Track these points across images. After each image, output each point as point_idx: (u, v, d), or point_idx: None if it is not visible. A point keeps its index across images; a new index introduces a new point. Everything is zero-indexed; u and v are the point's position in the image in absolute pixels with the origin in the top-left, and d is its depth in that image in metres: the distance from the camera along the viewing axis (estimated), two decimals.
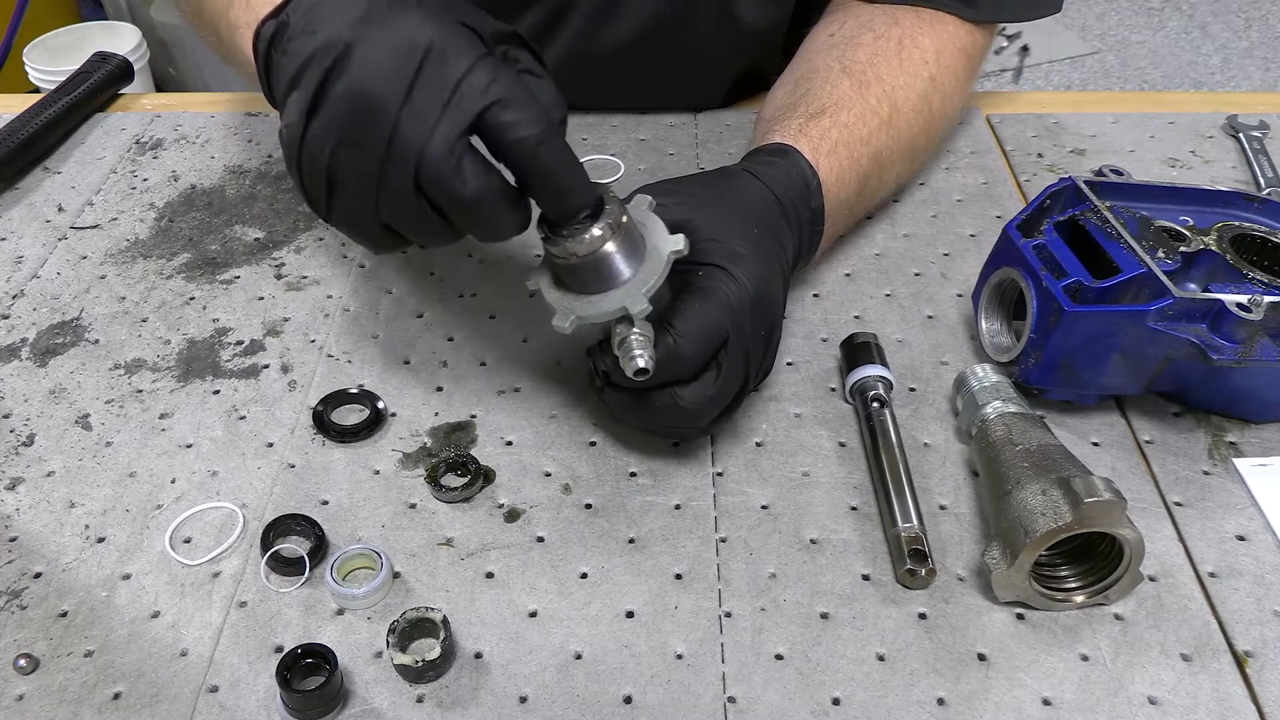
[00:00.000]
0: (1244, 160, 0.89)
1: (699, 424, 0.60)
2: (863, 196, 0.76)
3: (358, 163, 0.50)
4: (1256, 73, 2.99)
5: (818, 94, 0.75)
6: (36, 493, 0.62)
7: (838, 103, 0.74)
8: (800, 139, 0.71)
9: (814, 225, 0.69)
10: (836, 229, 0.75)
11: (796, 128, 0.72)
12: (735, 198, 0.64)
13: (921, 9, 0.81)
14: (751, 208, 0.64)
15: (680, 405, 0.58)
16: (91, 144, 0.93)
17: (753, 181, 0.66)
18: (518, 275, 0.78)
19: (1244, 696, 0.52)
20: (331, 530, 0.59)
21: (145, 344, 0.72)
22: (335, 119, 0.49)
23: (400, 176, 0.49)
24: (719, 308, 0.57)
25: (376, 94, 0.48)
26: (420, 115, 0.48)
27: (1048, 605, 0.55)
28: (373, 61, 0.49)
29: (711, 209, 0.62)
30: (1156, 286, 0.60)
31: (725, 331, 0.58)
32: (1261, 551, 0.58)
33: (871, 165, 0.74)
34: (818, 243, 0.71)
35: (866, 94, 0.75)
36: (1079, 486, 0.52)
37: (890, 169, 0.78)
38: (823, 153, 0.71)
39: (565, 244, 0.53)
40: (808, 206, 0.68)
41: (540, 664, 0.53)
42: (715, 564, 0.58)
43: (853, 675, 0.53)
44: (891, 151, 0.76)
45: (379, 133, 0.49)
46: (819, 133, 0.72)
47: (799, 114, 0.73)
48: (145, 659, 0.53)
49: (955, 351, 0.71)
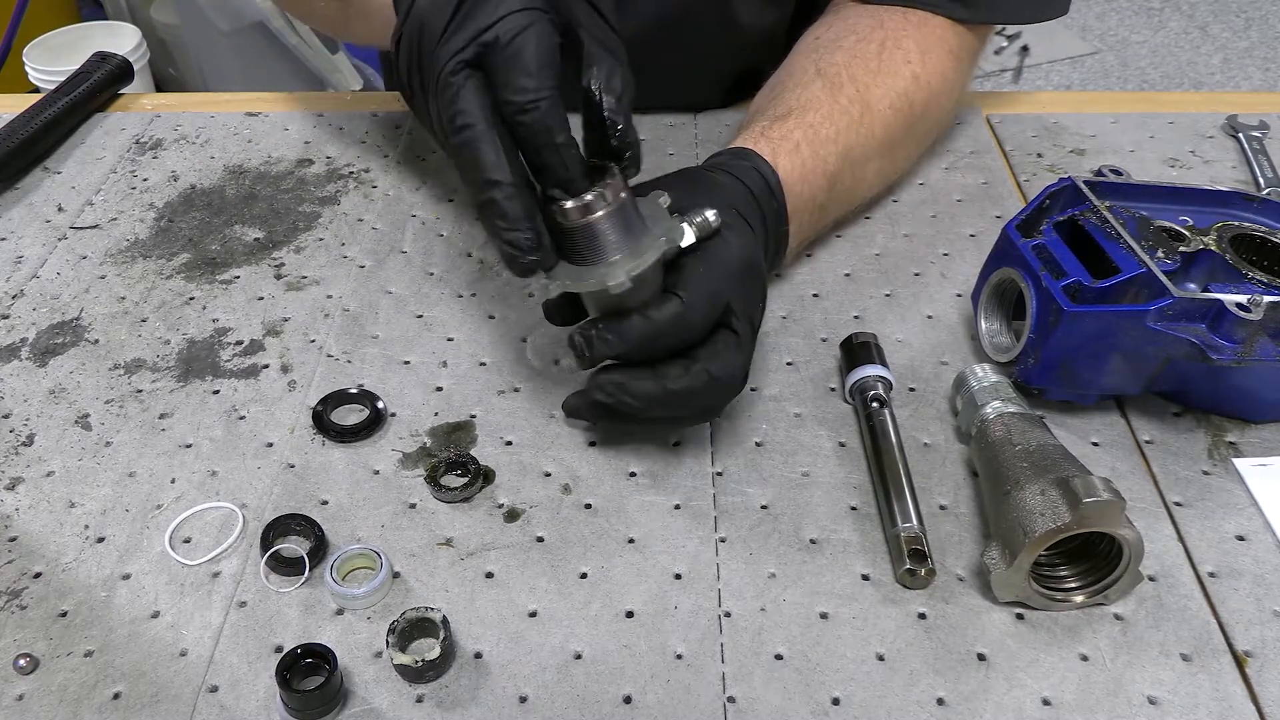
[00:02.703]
0: (1244, 160, 0.89)
1: (731, 395, 0.61)
2: (834, 194, 0.76)
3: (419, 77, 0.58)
4: (1256, 73, 2.99)
5: (787, 98, 0.76)
6: (36, 493, 0.62)
7: (805, 105, 0.75)
8: (760, 141, 0.72)
9: (779, 224, 0.70)
10: (808, 228, 0.75)
11: (759, 131, 0.73)
12: (711, 184, 0.66)
13: (910, 10, 0.81)
14: (727, 192, 0.65)
15: (713, 376, 0.58)
16: (91, 144, 0.93)
17: (721, 174, 0.68)
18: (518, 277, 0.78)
19: (1244, 696, 0.52)
20: (331, 530, 0.59)
21: (145, 344, 0.72)
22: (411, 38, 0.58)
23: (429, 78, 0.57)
24: (720, 270, 0.58)
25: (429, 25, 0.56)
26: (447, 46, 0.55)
27: (1047, 605, 0.55)
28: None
29: (693, 192, 0.63)
30: (1156, 286, 0.60)
31: (727, 293, 0.58)
32: (1261, 551, 0.58)
33: (841, 163, 0.74)
34: (785, 243, 0.71)
35: (838, 95, 0.76)
36: (1078, 486, 0.52)
37: (864, 167, 0.78)
38: (783, 152, 0.71)
39: (561, 203, 0.55)
40: (770, 204, 0.69)
41: (540, 664, 0.53)
42: (715, 564, 0.58)
43: (853, 675, 0.53)
44: (865, 150, 0.76)
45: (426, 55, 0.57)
46: (780, 134, 0.72)
47: (765, 118, 0.74)
48: (145, 659, 0.53)
49: (955, 351, 0.71)
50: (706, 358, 0.58)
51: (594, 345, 0.58)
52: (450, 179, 0.87)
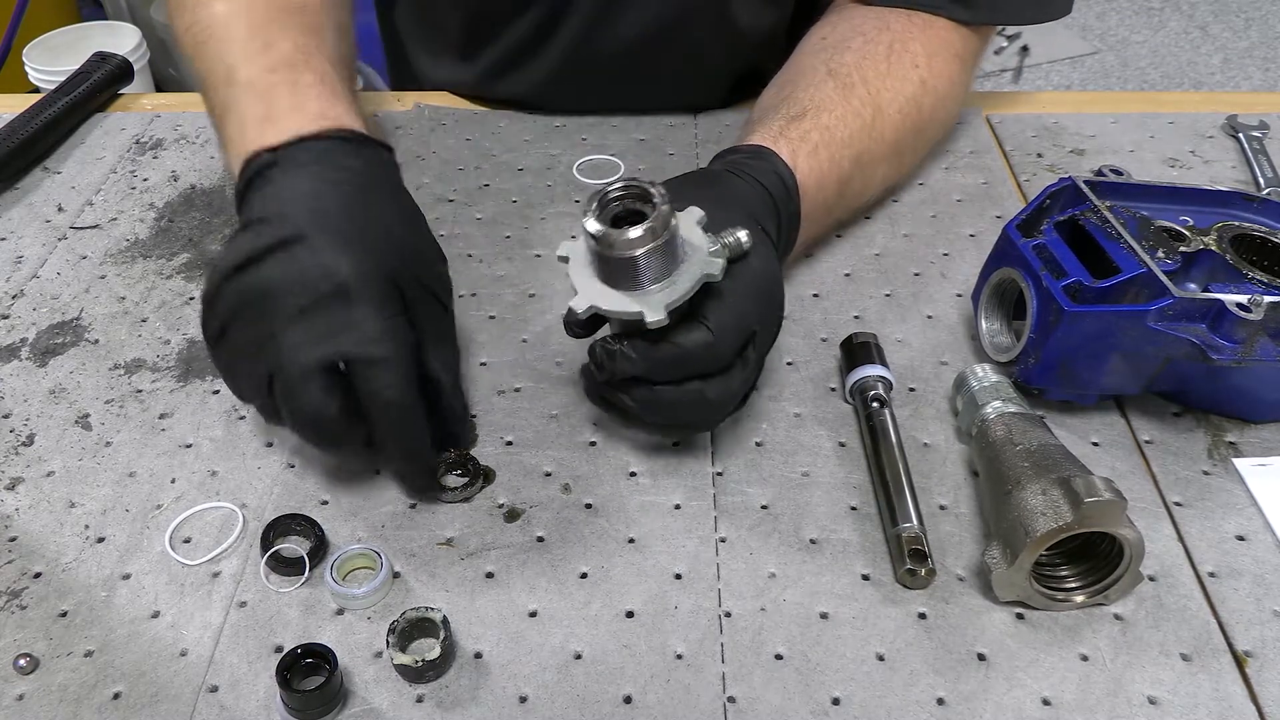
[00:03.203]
0: (1244, 160, 0.89)
1: (722, 416, 0.61)
2: (843, 198, 0.76)
3: (242, 337, 0.56)
4: (1256, 73, 2.99)
5: (800, 96, 0.75)
6: (36, 493, 0.62)
7: (819, 105, 0.74)
8: (780, 141, 0.71)
9: (791, 228, 0.70)
10: (814, 231, 0.75)
11: (777, 130, 0.72)
12: (726, 194, 0.65)
13: (915, 12, 0.81)
14: (744, 201, 0.65)
15: (707, 398, 0.58)
16: (91, 144, 0.93)
17: (735, 179, 0.67)
18: (517, 277, 0.78)
19: (1244, 696, 0.52)
20: (331, 530, 0.59)
21: (145, 344, 0.72)
22: (245, 294, 0.56)
23: (261, 368, 0.55)
24: (746, 294, 0.57)
25: (280, 300, 0.55)
26: (299, 332, 0.54)
27: (1048, 605, 0.55)
28: (295, 268, 0.55)
29: (720, 204, 0.61)
30: (1156, 286, 0.60)
31: (755, 323, 0.58)
32: (1261, 551, 0.58)
33: (853, 167, 0.74)
34: (793, 244, 0.71)
35: (850, 96, 0.75)
36: (1079, 486, 0.52)
37: (874, 171, 0.77)
38: (802, 154, 0.71)
39: (606, 234, 0.53)
40: (787, 208, 0.68)
41: (540, 664, 0.53)
42: (715, 564, 0.58)
43: (853, 675, 0.53)
44: (875, 154, 0.76)
45: (264, 328, 0.55)
46: (799, 134, 0.72)
47: (780, 116, 0.74)
48: (145, 659, 0.53)
49: (955, 351, 0.71)
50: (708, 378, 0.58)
51: (617, 361, 0.58)
52: (450, 179, 0.87)
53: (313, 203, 0.58)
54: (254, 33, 0.69)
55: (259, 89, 0.65)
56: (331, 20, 0.75)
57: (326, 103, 0.64)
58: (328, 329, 0.54)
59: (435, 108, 0.96)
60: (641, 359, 0.57)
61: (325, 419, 0.55)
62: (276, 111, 0.63)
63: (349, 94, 0.68)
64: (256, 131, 0.62)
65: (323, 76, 0.67)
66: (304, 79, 0.65)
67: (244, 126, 0.64)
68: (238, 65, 0.67)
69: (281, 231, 0.56)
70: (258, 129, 0.63)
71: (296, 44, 0.68)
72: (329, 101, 0.64)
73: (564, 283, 0.77)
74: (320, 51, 0.69)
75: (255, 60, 0.67)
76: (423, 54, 1.01)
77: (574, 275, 0.56)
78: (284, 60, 0.67)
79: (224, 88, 0.67)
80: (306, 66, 0.67)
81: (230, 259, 0.56)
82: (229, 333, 0.57)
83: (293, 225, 0.56)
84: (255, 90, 0.65)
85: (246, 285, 0.56)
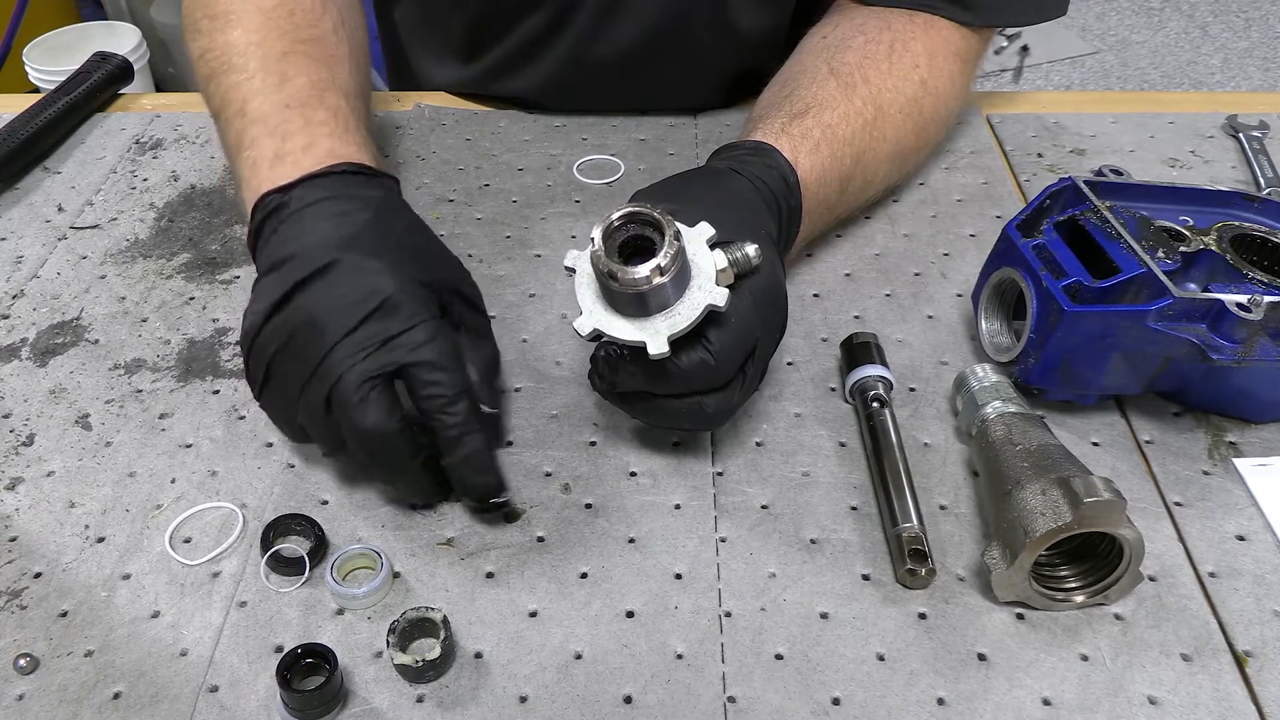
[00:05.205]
0: (1244, 160, 0.89)
1: (719, 426, 0.61)
2: (844, 197, 0.76)
3: (292, 369, 0.57)
4: (1256, 73, 2.99)
5: (802, 94, 0.75)
6: (36, 493, 0.62)
7: (821, 103, 0.74)
8: (781, 138, 0.71)
9: (791, 226, 0.70)
10: (815, 228, 0.75)
11: (779, 127, 0.72)
12: (727, 198, 0.64)
13: (916, 13, 0.81)
14: (743, 204, 0.64)
15: (705, 412, 0.58)
16: (91, 144, 0.93)
17: (736, 177, 0.66)
18: (517, 277, 0.78)
19: (1244, 696, 0.52)
20: (331, 530, 0.59)
21: (145, 344, 0.72)
22: (288, 328, 0.57)
23: (318, 393, 0.56)
24: (749, 317, 0.57)
25: (326, 324, 0.56)
26: (352, 350, 0.55)
27: (1048, 605, 0.55)
28: (335, 292, 0.56)
29: (713, 213, 0.61)
30: (1156, 286, 0.60)
31: (755, 339, 0.58)
32: (1261, 551, 0.58)
33: (854, 166, 0.74)
34: (793, 241, 0.71)
35: (852, 95, 0.75)
36: (1079, 486, 0.52)
37: (875, 171, 0.77)
38: (803, 151, 0.71)
39: (612, 268, 0.52)
40: (787, 203, 0.68)
41: (540, 664, 0.53)
42: (715, 564, 0.58)
43: (853, 675, 0.53)
44: (877, 154, 0.76)
45: (315, 353, 0.56)
46: (800, 131, 0.72)
47: (782, 113, 0.73)
48: (145, 659, 0.53)
49: (955, 351, 0.71)
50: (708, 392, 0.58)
51: (620, 375, 0.58)
52: (450, 179, 0.88)
53: (338, 230, 0.59)
54: (269, 65, 0.69)
55: (272, 124, 0.66)
56: (347, 48, 0.76)
57: (338, 140, 0.65)
58: (379, 342, 0.55)
59: (435, 108, 0.96)
60: (643, 375, 0.57)
61: (389, 433, 0.55)
62: (288, 150, 0.64)
63: (361, 129, 0.69)
64: (269, 170, 0.63)
65: (336, 113, 0.67)
66: (317, 116, 0.66)
67: (256, 165, 0.65)
68: (251, 99, 0.68)
69: (314, 263, 0.57)
70: (269, 168, 0.63)
71: (311, 79, 0.69)
72: (340, 139, 0.66)
73: (564, 283, 0.77)
74: (335, 86, 0.70)
75: (269, 95, 0.68)
76: (424, 54, 1.01)
77: (579, 293, 0.56)
78: (298, 97, 0.68)
79: (237, 120, 0.68)
80: (320, 104, 0.67)
81: (267, 298, 0.57)
82: (275, 371, 0.57)
83: (323, 255, 0.57)
84: (268, 126, 0.66)
85: (290, 318, 0.57)
